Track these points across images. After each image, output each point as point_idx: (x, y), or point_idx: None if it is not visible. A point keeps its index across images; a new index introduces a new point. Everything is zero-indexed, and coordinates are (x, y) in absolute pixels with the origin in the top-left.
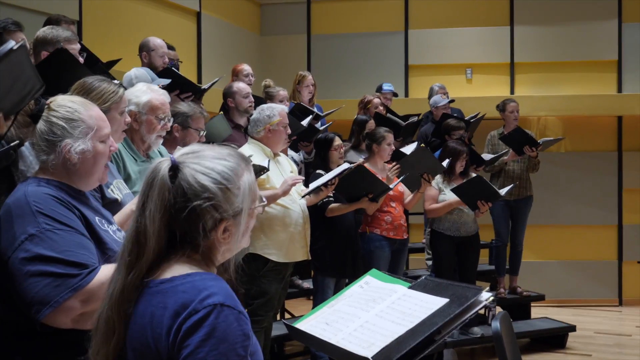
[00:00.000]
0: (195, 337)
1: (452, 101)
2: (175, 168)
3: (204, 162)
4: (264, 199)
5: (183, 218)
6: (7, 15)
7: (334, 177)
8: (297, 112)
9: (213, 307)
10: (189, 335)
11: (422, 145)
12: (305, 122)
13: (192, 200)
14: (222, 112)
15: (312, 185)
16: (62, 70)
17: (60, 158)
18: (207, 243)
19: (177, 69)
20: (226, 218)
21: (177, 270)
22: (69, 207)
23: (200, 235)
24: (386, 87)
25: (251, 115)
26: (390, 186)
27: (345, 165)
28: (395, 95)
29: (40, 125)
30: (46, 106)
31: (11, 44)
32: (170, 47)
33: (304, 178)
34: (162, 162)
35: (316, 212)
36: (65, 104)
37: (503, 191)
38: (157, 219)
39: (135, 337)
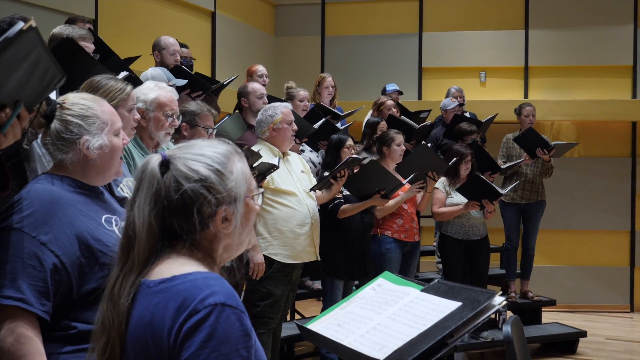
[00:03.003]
0: (197, 338)
1: (461, 104)
2: (166, 163)
3: (194, 150)
4: (261, 189)
5: (176, 204)
6: (23, 13)
7: (342, 168)
8: (318, 112)
9: (214, 307)
10: (190, 336)
11: (423, 142)
12: (317, 125)
13: (184, 185)
14: (237, 111)
15: (322, 181)
16: (70, 61)
17: (78, 155)
18: (207, 235)
19: (191, 68)
20: (222, 202)
21: (178, 268)
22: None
23: (196, 224)
24: (390, 87)
25: None
26: (403, 182)
27: (352, 156)
28: (401, 93)
29: (55, 124)
30: (58, 105)
31: (20, 24)
32: (183, 45)
33: None
34: (152, 157)
35: (324, 215)
36: (77, 101)
37: (504, 190)
38: (145, 211)
39: (135, 338)
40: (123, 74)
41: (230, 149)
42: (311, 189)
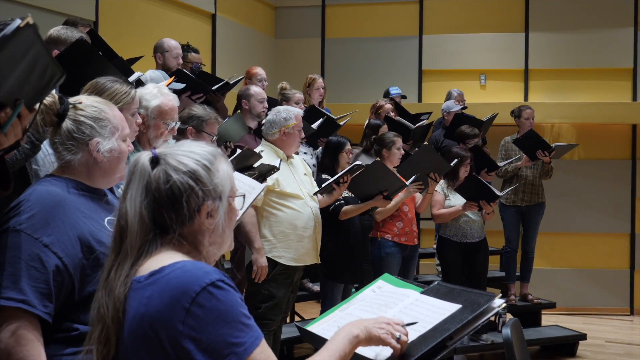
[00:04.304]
0: (209, 316)
1: (464, 108)
2: (156, 159)
3: (183, 147)
4: (254, 196)
5: (165, 195)
6: (24, 14)
7: (345, 174)
8: (316, 111)
9: (212, 284)
10: (201, 316)
11: (426, 143)
12: (315, 125)
13: (172, 176)
14: (239, 111)
15: (325, 184)
16: (83, 63)
17: (87, 157)
18: (192, 229)
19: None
20: (207, 196)
21: (165, 259)
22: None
23: (183, 216)
24: (393, 91)
25: (262, 120)
26: (407, 183)
27: (355, 162)
28: (404, 97)
29: (68, 124)
30: (71, 106)
31: (17, 21)
32: (194, 50)
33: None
34: (143, 153)
35: (325, 217)
36: (91, 103)
37: (502, 192)
38: (137, 202)
39: (133, 331)
40: (136, 75)
41: (217, 150)
42: (315, 193)
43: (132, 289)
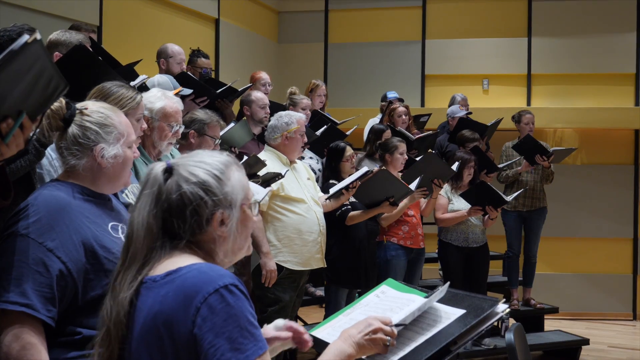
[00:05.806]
0: (217, 318)
1: (469, 113)
2: (169, 170)
3: (196, 158)
4: (258, 199)
5: (176, 204)
6: (28, 19)
7: (356, 180)
8: (321, 118)
9: (225, 287)
10: (209, 318)
11: (430, 150)
12: (319, 132)
13: (183, 186)
14: (245, 118)
15: (334, 189)
16: (82, 68)
17: (92, 162)
18: (206, 237)
19: (209, 78)
20: (218, 205)
21: (183, 261)
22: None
23: (194, 224)
24: (390, 94)
25: (265, 125)
26: (412, 189)
27: (365, 169)
28: (401, 100)
29: (73, 129)
30: (78, 111)
31: (25, 37)
32: (204, 56)
33: None
34: (157, 164)
35: (330, 222)
36: (97, 109)
37: (509, 197)
38: (145, 211)
39: (146, 330)
40: (141, 78)
41: (229, 159)
42: (326, 199)
43: (147, 288)
